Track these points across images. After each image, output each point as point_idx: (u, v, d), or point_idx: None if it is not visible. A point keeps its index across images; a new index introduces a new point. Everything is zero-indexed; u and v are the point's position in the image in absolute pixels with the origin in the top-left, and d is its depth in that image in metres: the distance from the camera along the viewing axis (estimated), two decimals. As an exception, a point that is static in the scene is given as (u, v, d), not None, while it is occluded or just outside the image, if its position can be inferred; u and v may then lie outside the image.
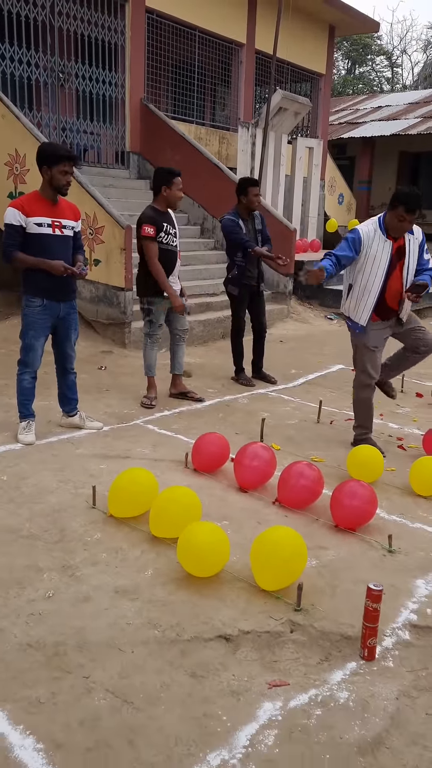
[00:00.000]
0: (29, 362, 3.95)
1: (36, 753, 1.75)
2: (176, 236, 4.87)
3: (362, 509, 3.08)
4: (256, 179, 5.47)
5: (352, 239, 3.90)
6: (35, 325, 3.90)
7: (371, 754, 1.85)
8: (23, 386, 3.98)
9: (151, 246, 4.71)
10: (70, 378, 4.20)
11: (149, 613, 2.39)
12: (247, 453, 3.54)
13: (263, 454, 3.54)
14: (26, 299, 3.89)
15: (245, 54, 11.32)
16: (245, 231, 5.48)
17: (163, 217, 4.77)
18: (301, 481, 3.29)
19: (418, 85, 32.13)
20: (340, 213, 14.67)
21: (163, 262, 4.75)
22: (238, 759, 1.78)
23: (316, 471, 3.34)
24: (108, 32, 9.03)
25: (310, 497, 3.31)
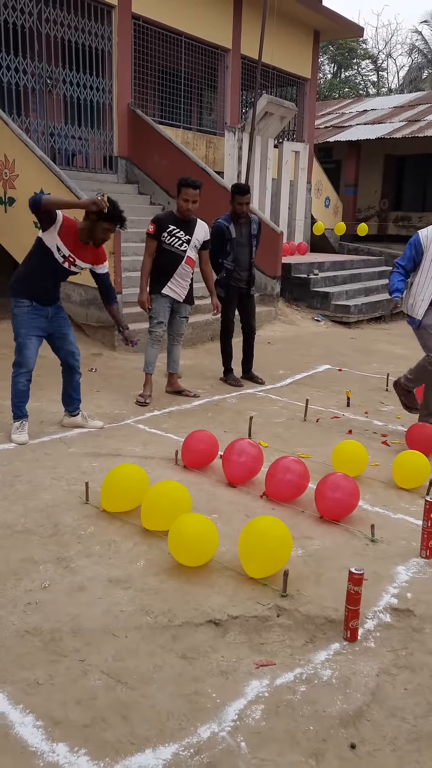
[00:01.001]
0: (23, 362, 4.03)
1: (36, 729, 1.85)
2: (188, 243, 4.99)
3: (345, 501, 3.20)
4: (245, 187, 5.53)
5: (412, 243, 4.41)
6: (25, 323, 3.99)
7: (353, 725, 1.96)
8: (18, 388, 4.06)
9: (147, 242, 4.95)
10: (75, 378, 4.30)
11: (142, 600, 2.49)
12: (235, 449, 3.64)
13: (250, 450, 3.65)
14: (15, 301, 3.99)
15: (231, 59, 11.47)
16: (236, 235, 5.58)
17: (173, 221, 4.95)
18: (288, 476, 3.40)
19: (404, 88, 32.47)
20: (327, 216, 14.84)
21: (163, 262, 4.95)
22: (227, 731, 1.89)
23: (302, 465, 3.46)
24: (95, 38, 9.14)
25: (296, 491, 3.42)
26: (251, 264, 5.74)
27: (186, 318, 5.29)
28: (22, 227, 7.20)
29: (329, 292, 9.84)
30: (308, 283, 10.04)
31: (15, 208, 7.22)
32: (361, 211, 17.94)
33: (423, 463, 3.67)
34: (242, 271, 5.69)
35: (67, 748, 1.79)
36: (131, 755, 1.78)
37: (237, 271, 5.65)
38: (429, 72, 32.33)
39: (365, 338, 8.81)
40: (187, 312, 5.27)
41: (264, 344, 7.63)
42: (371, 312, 10.01)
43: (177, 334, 5.30)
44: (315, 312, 9.82)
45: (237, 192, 5.51)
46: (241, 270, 5.68)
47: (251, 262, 5.73)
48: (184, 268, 5.03)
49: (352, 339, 8.66)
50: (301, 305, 10.00)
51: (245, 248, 5.65)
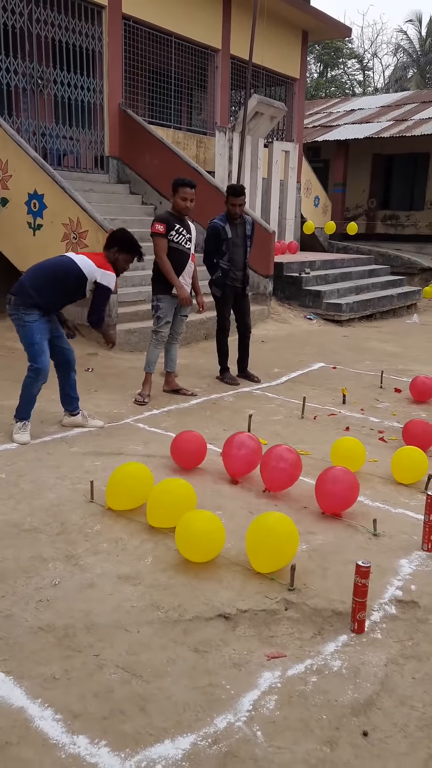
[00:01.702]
0: (43, 369, 4.07)
1: (55, 723, 1.88)
2: (190, 240, 5.08)
3: (344, 494, 3.23)
4: (239, 188, 5.57)
5: None
6: (40, 328, 4.06)
7: (364, 714, 2.01)
8: (32, 393, 4.12)
9: (159, 242, 4.97)
10: (72, 377, 4.35)
11: (152, 596, 2.53)
12: (234, 443, 3.68)
13: (249, 443, 3.69)
14: (26, 310, 4.01)
15: (221, 59, 11.51)
16: (231, 236, 5.62)
17: (176, 220, 5.01)
18: (281, 464, 3.47)
19: (389, 87, 32.67)
20: (317, 215, 14.93)
21: (173, 261, 4.99)
22: (243, 721, 1.93)
23: (295, 454, 3.54)
24: (85, 39, 9.13)
25: (289, 480, 3.50)
26: (246, 264, 5.80)
27: (186, 317, 5.34)
28: (15, 228, 7.20)
29: (321, 291, 9.91)
30: (300, 281, 10.11)
31: (8, 209, 7.21)
32: (350, 210, 18.05)
33: (421, 459, 3.74)
34: (237, 270, 5.74)
35: (87, 739, 1.83)
36: (151, 745, 1.82)
37: (233, 270, 5.70)
38: (414, 71, 32.55)
39: (357, 336, 8.89)
40: (188, 311, 5.32)
41: (258, 343, 7.67)
42: (362, 310, 10.10)
43: (177, 333, 5.35)
44: (307, 310, 9.89)
45: (231, 193, 5.56)
46: (237, 270, 5.73)
47: (246, 261, 5.79)
48: (190, 265, 5.12)
49: (344, 337, 8.74)
50: (293, 304, 10.06)
51: (240, 248, 5.71)
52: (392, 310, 11.03)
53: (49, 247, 6.95)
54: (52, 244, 6.96)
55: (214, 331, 7.71)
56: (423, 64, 31.92)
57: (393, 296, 11.02)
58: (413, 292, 11.76)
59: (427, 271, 14.07)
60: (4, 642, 2.22)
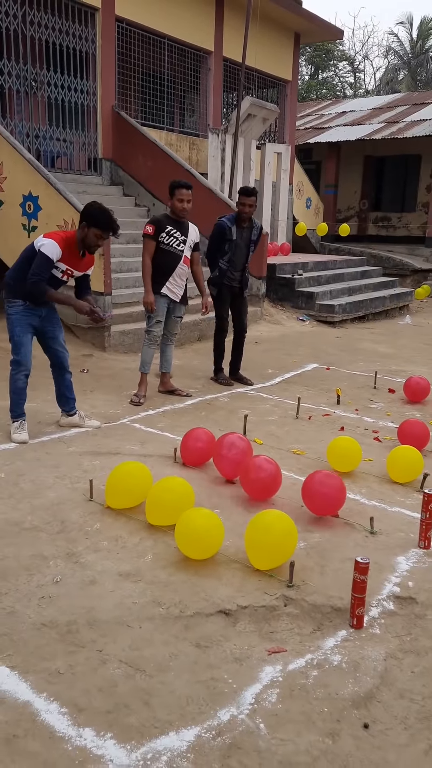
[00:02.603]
0: (22, 360, 4.07)
1: (61, 716, 1.90)
2: (184, 243, 5.10)
3: (332, 496, 3.22)
4: (250, 188, 5.57)
5: None
6: (21, 321, 4.04)
7: (364, 707, 2.05)
8: (18, 386, 4.10)
9: (145, 242, 5.01)
10: (67, 378, 4.35)
11: (152, 593, 2.56)
12: (225, 444, 3.70)
13: (240, 443, 3.70)
14: (8, 301, 4.05)
15: (213, 61, 11.55)
16: (236, 237, 5.64)
17: (171, 222, 5.03)
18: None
19: (380, 90, 32.89)
20: (308, 216, 15.00)
21: (162, 262, 5.02)
22: (246, 714, 1.96)
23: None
24: (79, 41, 9.15)
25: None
26: (245, 266, 5.82)
27: (180, 318, 5.37)
28: (9, 229, 7.20)
29: (313, 292, 9.97)
30: (292, 283, 10.16)
31: (3, 211, 7.21)
32: (341, 212, 18.16)
33: (417, 458, 3.79)
34: (235, 271, 5.77)
35: (93, 732, 1.85)
36: (156, 738, 1.85)
37: (230, 271, 5.73)
38: (405, 74, 32.78)
39: (350, 337, 8.95)
40: (182, 312, 5.34)
41: (251, 344, 7.71)
42: (355, 311, 10.17)
43: (171, 333, 5.37)
44: (300, 312, 9.95)
45: (242, 193, 5.57)
46: (235, 271, 5.76)
47: (246, 264, 5.81)
48: (182, 267, 5.12)
49: (337, 338, 8.80)
50: (286, 305, 10.12)
51: (242, 251, 5.72)
52: (385, 312, 11.11)
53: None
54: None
55: (208, 332, 7.77)
56: (414, 66, 32.16)
57: (385, 297, 11.10)
58: (405, 294, 11.85)
59: (419, 273, 14.19)
60: (8, 638, 2.24)
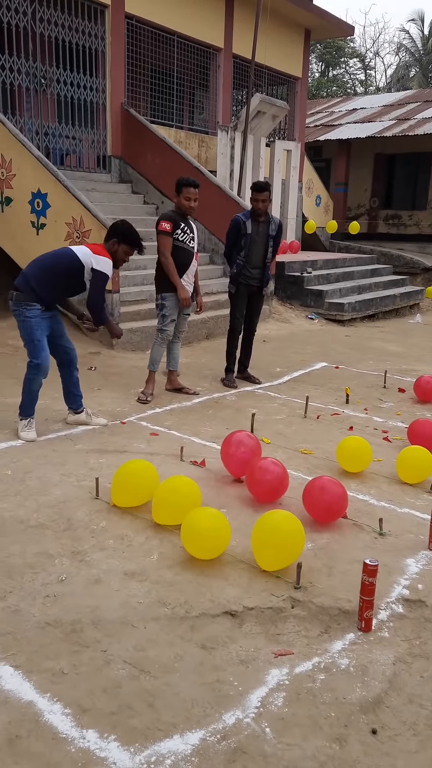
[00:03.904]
0: (42, 365, 4.07)
1: (64, 717, 1.88)
2: (194, 240, 5.10)
3: (333, 503, 3.15)
4: (262, 184, 5.50)
5: None
6: (40, 324, 4.06)
7: (372, 712, 2.01)
8: (33, 388, 4.12)
9: (164, 240, 4.96)
10: (74, 375, 4.35)
11: (158, 592, 2.53)
12: (233, 442, 3.67)
13: (248, 441, 3.66)
14: (26, 304, 4.02)
15: (223, 58, 11.51)
16: (251, 232, 5.56)
17: (181, 219, 5.02)
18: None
19: (391, 87, 32.67)
20: (318, 214, 14.92)
21: (177, 259, 4.99)
22: (252, 718, 1.93)
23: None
24: (88, 38, 9.14)
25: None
26: (265, 263, 5.69)
27: (188, 315, 5.34)
28: (18, 227, 7.20)
29: (323, 290, 9.91)
30: (302, 281, 10.11)
31: (12, 208, 7.21)
32: (351, 210, 18.05)
33: (427, 459, 3.73)
34: (252, 268, 5.65)
35: (96, 734, 1.83)
36: (160, 741, 1.82)
37: (247, 267, 5.63)
38: (416, 70, 32.53)
39: (360, 336, 8.89)
40: (190, 310, 5.32)
41: (259, 342, 7.66)
42: (365, 310, 10.10)
43: (179, 331, 5.34)
44: (309, 310, 9.89)
45: (254, 189, 5.52)
46: (252, 267, 5.65)
47: (265, 261, 5.68)
48: (194, 264, 5.12)
49: (346, 337, 8.74)
50: (295, 303, 10.06)
51: (259, 247, 5.62)
52: (395, 310, 11.03)
53: (53, 246, 6.86)
54: (55, 243, 6.94)
55: (216, 330, 7.74)
56: (425, 63, 31.91)
57: (395, 296, 11.02)
58: (416, 292, 11.76)
59: (430, 271, 14.07)
60: (13, 637, 2.23)
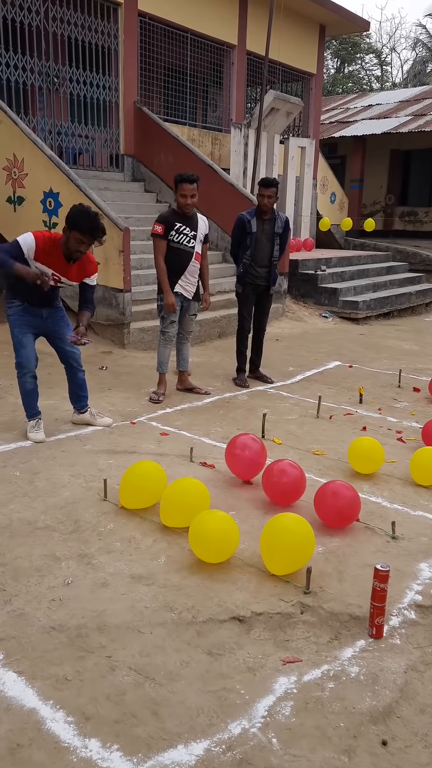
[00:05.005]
0: (24, 362, 4.00)
1: (67, 725, 1.85)
2: (194, 238, 4.98)
3: (346, 507, 3.08)
4: (269, 179, 5.41)
5: None
6: (19, 321, 3.97)
7: (383, 722, 1.96)
8: (26, 389, 4.06)
9: (156, 243, 4.90)
10: (79, 376, 4.29)
11: (165, 597, 2.50)
12: (237, 444, 3.60)
13: (252, 444, 3.59)
14: (7, 302, 3.99)
15: (236, 55, 11.44)
16: (256, 230, 5.49)
17: (179, 218, 4.91)
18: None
19: (408, 82, 32.32)
20: (333, 212, 14.80)
21: (173, 261, 4.92)
22: (258, 728, 1.89)
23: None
24: (101, 36, 9.12)
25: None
26: (271, 261, 5.61)
27: (195, 315, 5.27)
28: (30, 225, 7.19)
29: (337, 288, 9.81)
30: (315, 279, 10.02)
31: (24, 207, 7.22)
32: (367, 207, 17.89)
33: (441, 459, 3.66)
34: (259, 267, 5.58)
35: (99, 743, 1.80)
36: (164, 751, 1.79)
37: (253, 267, 5.57)
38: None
39: (374, 334, 8.79)
40: (196, 309, 5.25)
41: (272, 341, 7.61)
42: (379, 308, 9.99)
43: (186, 332, 5.29)
44: (322, 308, 9.80)
45: (261, 184, 5.43)
46: (258, 266, 5.58)
47: (272, 259, 5.60)
48: (193, 264, 5.01)
49: (361, 335, 8.64)
50: (309, 302, 9.98)
51: (265, 245, 5.54)
52: (410, 308, 10.89)
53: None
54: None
55: (228, 329, 7.69)
56: (442, 58, 31.53)
57: (411, 294, 10.88)
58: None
59: (446, 269, 13.88)
60: (17, 641, 2.20)
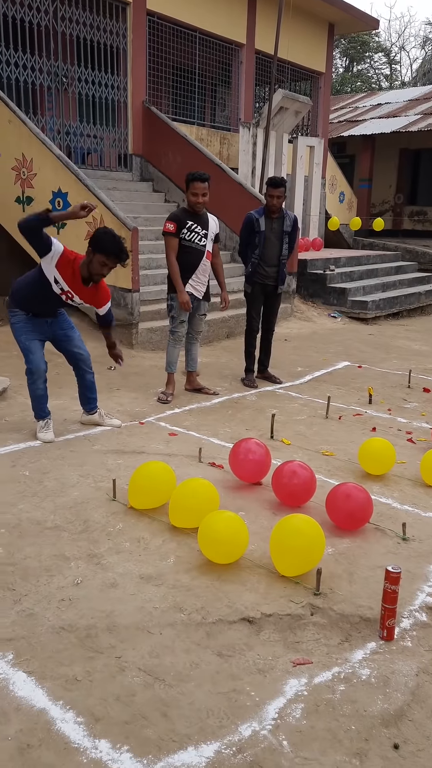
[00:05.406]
0: (34, 368, 3.98)
1: (77, 726, 1.85)
2: (206, 237, 4.98)
3: (358, 510, 3.05)
4: (277, 179, 5.39)
5: None
6: (24, 329, 3.97)
7: (395, 725, 1.94)
8: (37, 394, 4.05)
9: (168, 241, 4.89)
10: (88, 378, 4.28)
11: (174, 597, 2.49)
12: (241, 449, 3.56)
13: (256, 449, 3.54)
14: (10, 311, 4.00)
15: (245, 54, 11.42)
16: (265, 229, 5.47)
17: (190, 217, 4.92)
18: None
19: (417, 81, 32.19)
20: (342, 211, 14.75)
21: (185, 260, 4.91)
22: (269, 730, 1.87)
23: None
24: (110, 36, 9.13)
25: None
26: (280, 261, 5.59)
27: (204, 315, 5.26)
28: (39, 225, 7.22)
29: (346, 288, 9.78)
30: (324, 279, 9.99)
31: (33, 207, 7.23)
32: (376, 206, 17.82)
33: (452, 460, 3.63)
34: (268, 266, 5.56)
35: (109, 744, 1.79)
36: (174, 752, 1.78)
37: (262, 266, 5.55)
38: (442, 65, 32.01)
39: (383, 334, 8.75)
40: (205, 309, 5.24)
41: (281, 341, 7.59)
42: (389, 308, 9.94)
43: (195, 332, 5.28)
44: (331, 308, 9.77)
45: (269, 184, 5.41)
46: (267, 266, 5.56)
47: (281, 259, 5.58)
48: (204, 263, 5.00)
49: (370, 335, 8.61)
50: (317, 302, 9.95)
51: (274, 244, 5.53)
52: (420, 308, 10.84)
53: (73, 245, 6.85)
54: (75, 243, 6.94)
55: (237, 329, 7.67)
56: (451, 57, 31.36)
57: (420, 293, 10.82)
58: (441, 290, 11.54)
59: (455, 268, 13.81)
60: (27, 641, 2.20)
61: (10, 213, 7.41)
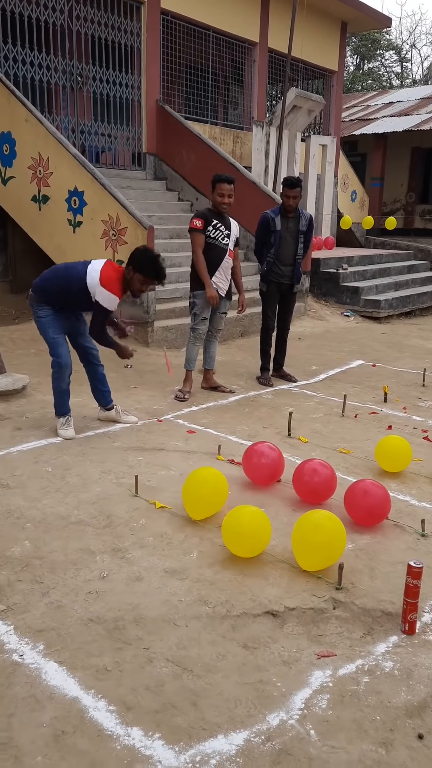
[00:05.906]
0: (62, 361, 4.05)
1: (109, 714, 1.90)
2: (229, 237, 5.05)
3: (376, 506, 3.09)
4: (293, 180, 5.43)
5: None
6: (53, 323, 4.04)
7: (419, 716, 1.98)
8: (61, 388, 4.11)
9: (195, 237, 4.96)
10: (99, 371, 4.34)
11: (199, 591, 2.53)
12: (255, 452, 3.56)
13: (270, 453, 3.55)
14: (36, 306, 4.05)
15: (258, 53, 11.43)
16: (281, 228, 5.51)
17: (214, 216, 5.00)
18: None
19: (428, 79, 32.04)
20: (354, 210, 14.74)
21: (209, 256, 4.98)
22: (296, 720, 1.92)
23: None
24: (124, 35, 9.18)
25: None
26: (296, 260, 5.63)
27: (225, 314, 5.31)
28: (55, 225, 7.28)
29: (359, 287, 9.79)
30: (337, 278, 10.00)
31: (49, 206, 7.30)
32: (387, 205, 17.77)
33: (469, 458, 3.65)
34: (283, 265, 5.60)
35: (141, 732, 1.84)
36: (205, 740, 1.82)
37: (278, 265, 5.59)
38: (454, 62, 31.81)
39: (396, 333, 8.75)
40: (226, 307, 5.29)
41: (294, 340, 7.60)
42: (401, 307, 9.94)
43: (215, 329, 5.33)
44: (344, 307, 9.78)
45: (285, 185, 5.45)
46: (282, 264, 5.60)
47: (296, 258, 5.62)
48: (227, 261, 5.07)
49: (383, 334, 8.62)
50: (330, 300, 9.96)
51: (290, 243, 5.57)
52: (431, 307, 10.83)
53: (89, 244, 7.01)
54: (91, 241, 7.02)
55: (251, 328, 7.70)
56: (463, 54, 31.15)
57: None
58: (453, 288, 11.51)
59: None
60: (56, 632, 2.25)
61: (26, 212, 7.48)
